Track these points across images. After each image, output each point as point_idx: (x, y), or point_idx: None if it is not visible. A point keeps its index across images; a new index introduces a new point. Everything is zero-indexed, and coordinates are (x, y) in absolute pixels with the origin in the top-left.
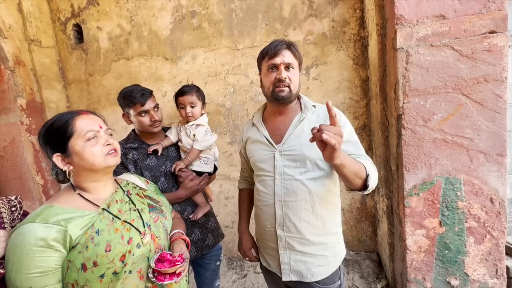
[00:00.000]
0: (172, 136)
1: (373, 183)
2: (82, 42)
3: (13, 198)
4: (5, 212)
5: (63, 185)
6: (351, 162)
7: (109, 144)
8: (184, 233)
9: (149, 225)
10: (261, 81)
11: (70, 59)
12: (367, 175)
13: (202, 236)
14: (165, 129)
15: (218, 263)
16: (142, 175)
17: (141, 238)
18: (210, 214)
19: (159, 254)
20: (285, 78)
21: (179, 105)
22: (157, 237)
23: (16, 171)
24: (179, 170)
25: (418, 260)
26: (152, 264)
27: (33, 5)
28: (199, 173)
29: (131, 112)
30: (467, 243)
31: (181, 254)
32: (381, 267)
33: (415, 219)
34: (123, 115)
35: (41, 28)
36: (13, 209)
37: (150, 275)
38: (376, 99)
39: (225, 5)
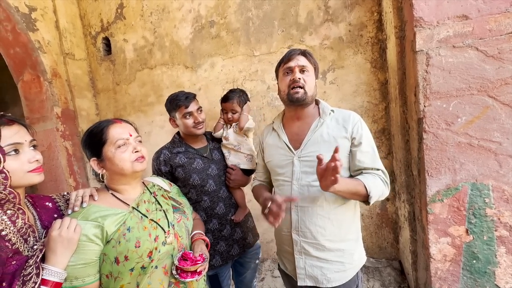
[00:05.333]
0: (218, 133)
1: (374, 200)
2: (110, 54)
3: (65, 193)
4: (62, 206)
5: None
6: (347, 185)
7: (137, 151)
8: (204, 234)
9: (173, 225)
10: (278, 88)
11: (100, 70)
12: (368, 195)
13: (244, 234)
14: (206, 133)
15: (257, 261)
16: (190, 178)
17: (165, 237)
18: (248, 214)
19: (182, 252)
20: (300, 78)
21: (223, 110)
22: (180, 237)
23: (52, 174)
24: (230, 167)
25: (443, 270)
26: (176, 262)
27: (68, 22)
28: (245, 171)
29: (177, 115)
30: (498, 253)
31: (202, 254)
32: (404, 276)
33: (439, 227)
34: (170, 119)
35: (75, 42)
36: (68, 202)
37: (174, 272)
38: (395, 102)
39: (242, 14)
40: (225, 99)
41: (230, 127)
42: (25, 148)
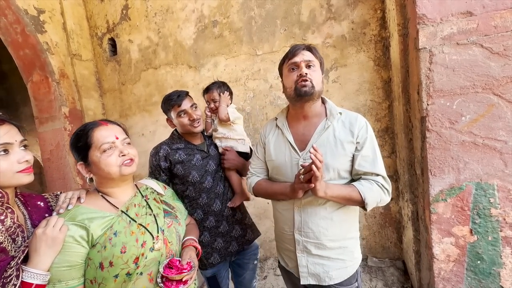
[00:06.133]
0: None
1: (371, 206)
2: (115, 55)
3: (58, 193)
4: (54, 205)
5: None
6: (340, 191)
7: (124, 155)
8: (197, 240)
9: (163, 230)
10: (283, 86)
11: (106, 70)
12: (364, 201)
13: (242, 232)
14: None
15: (255, 262)
16: (189, 175)
17: (153, 242)
18: (245, 211)
19: (168, 260)
20: (306, 73)
21: (206, 101)
22: (169, 242)
23: (60, 172)
24: (224, 149)
25: (446, 270)
26: (161, 270)
27: (75, 23)
28: (240, 154)
29: (172, 115)
30: (503, 254)
31: (189, 262)
32: (407, 276)
33: (443, 226)
34: (167, 120)
35: (82, 43)
36: None
37: (159, 280)
38: (398, 100)
39: (244, 13)
40: (206, 91)
41: (216, 119)
42: (15, 148)
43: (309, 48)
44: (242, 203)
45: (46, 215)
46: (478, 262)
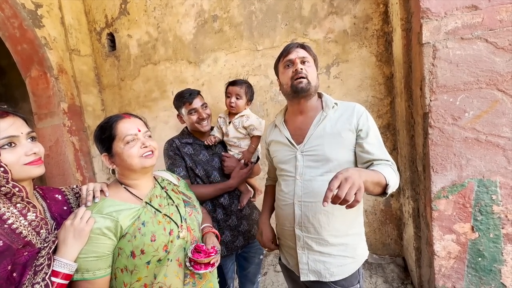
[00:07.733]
0: (217, 134)
1: (392, 190)
2: (114, 50)
3: (74, 187)
4: (71, 199)
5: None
6: (371, 177)
7: (146, 147)
8: (212, 227)
9: (185, 219)
10: (280, 83)
11: (105, 66)
12: (387, 184)
13: (249, 227)
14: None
15: (261, 257)
16: (196, 168)
17: (179, 231)
18: (254, 207)
19: (194, 245)
20: (302, 69)
21: (227, 94)
22: (192, 230)
23: (60, 168)
24: (224, 155)
25: (447, 267)
26: (189, 254)
27: (73, 18)
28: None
29: (183, 111)
30: (504, 251)
31: (214, 246)
32: (407, 273)
33: (444, 223)
34: (178, 116)
35: (80, 38)
36: (77, 195)
37: (188, 264)
38: (401, 96)
39: (245, 8)
40: (233, 83)
41: (230, 124)
42: (22, 140)
43: (303, 46)
44: (251, 201)
45: (64, 207)
46: (479, 259)
